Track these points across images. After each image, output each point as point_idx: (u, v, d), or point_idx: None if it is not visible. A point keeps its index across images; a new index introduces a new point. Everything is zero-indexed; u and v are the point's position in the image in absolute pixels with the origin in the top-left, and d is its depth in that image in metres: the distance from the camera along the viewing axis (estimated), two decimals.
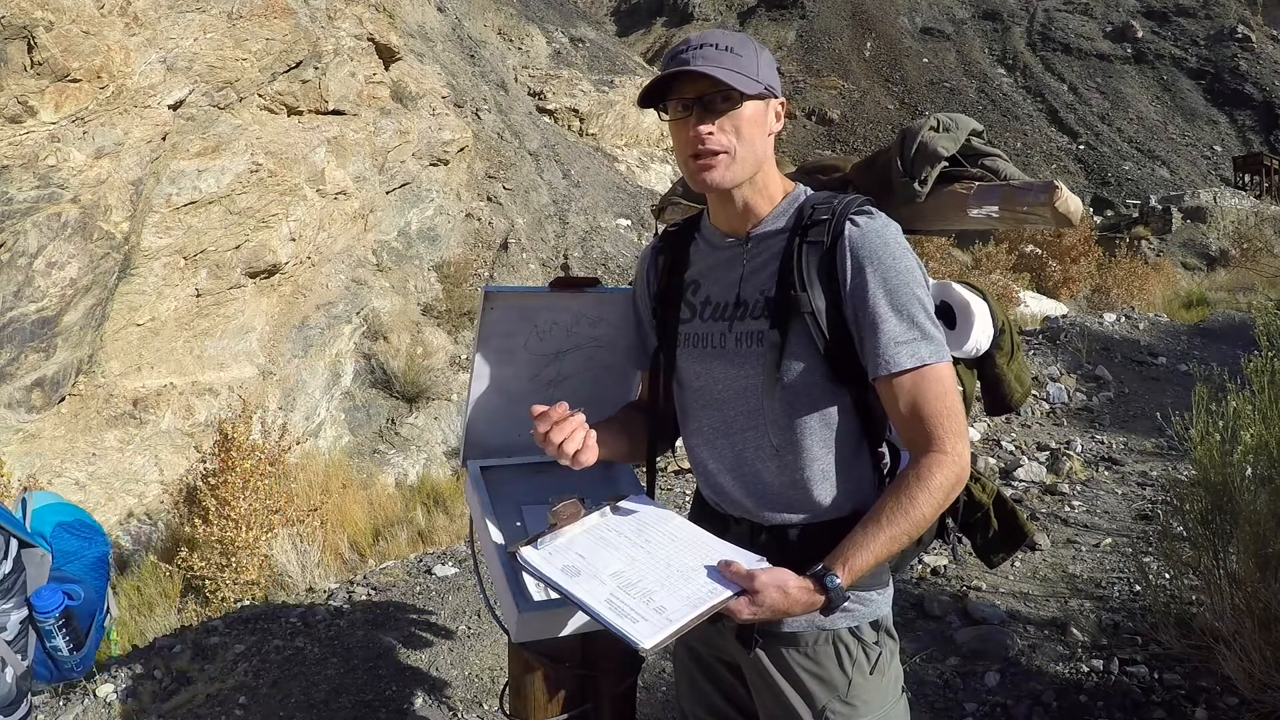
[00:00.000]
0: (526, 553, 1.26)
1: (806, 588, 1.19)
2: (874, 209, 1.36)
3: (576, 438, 1.33)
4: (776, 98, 1.37)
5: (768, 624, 1.32)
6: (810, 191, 1.43)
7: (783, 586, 1.18)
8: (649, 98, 1.35)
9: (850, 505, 1.37)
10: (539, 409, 1.34)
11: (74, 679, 2.50)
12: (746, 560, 1.24)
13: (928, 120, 1.55)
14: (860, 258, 1.30)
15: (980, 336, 1.51)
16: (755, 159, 1.35)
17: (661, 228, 1.66)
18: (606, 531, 1.33)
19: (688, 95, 1.31)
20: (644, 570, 1.23)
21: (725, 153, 1.31)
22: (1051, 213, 1.40)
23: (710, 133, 1.30)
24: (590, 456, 1.35)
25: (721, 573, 1.21)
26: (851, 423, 1.36)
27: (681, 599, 1.16)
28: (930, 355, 1.28)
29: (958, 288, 1.53)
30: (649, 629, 1.11)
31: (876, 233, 1.31)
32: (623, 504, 1.40)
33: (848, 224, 1.32)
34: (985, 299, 1.56)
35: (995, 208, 1.45)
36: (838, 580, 1.20)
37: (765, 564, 1.25)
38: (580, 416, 1.35)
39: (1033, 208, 1.41)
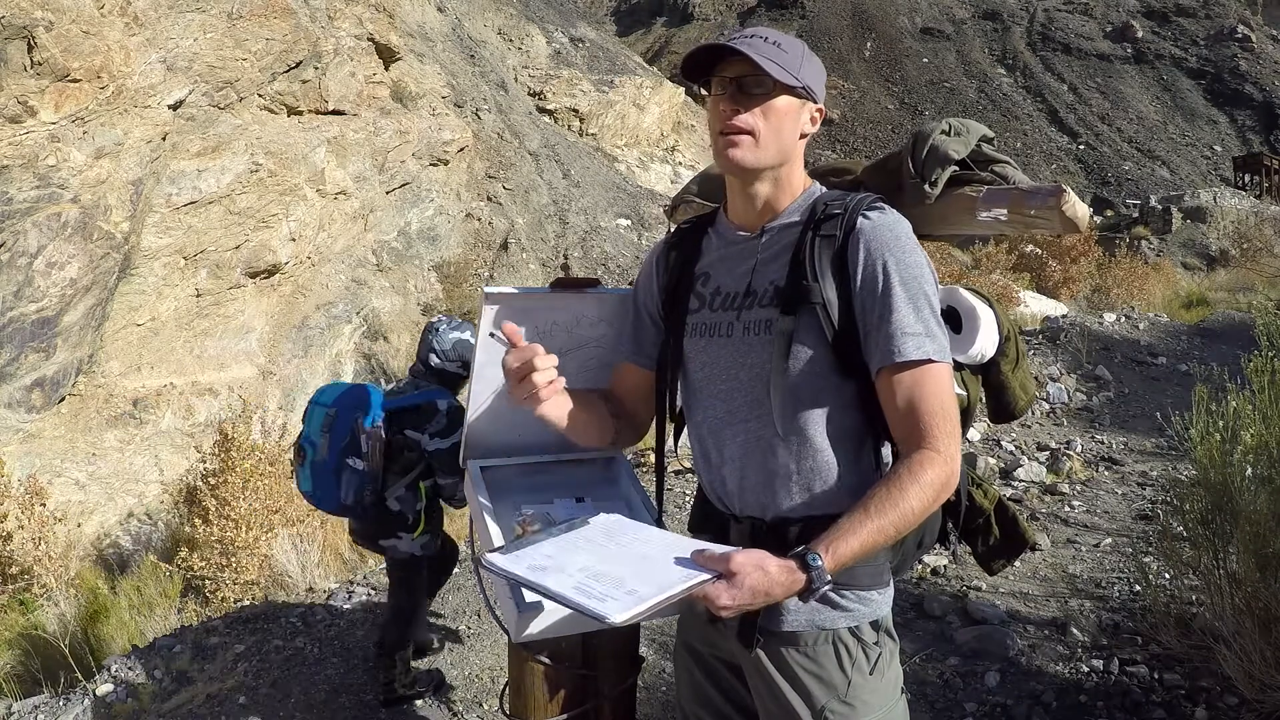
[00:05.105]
0: (492, 557, 1.25)
1: (788, 567, 1.15)
2: (886, 205, 1.37)
3: (550, 375, 1.34)
4: (815, 101, 1.40)
5: (751, 612, 1.28)
6: (824, 189, 1.45)
7: (761, 565, 1.14)
8: (694, 70, 1.39)
9: (852, 501, 1.35)
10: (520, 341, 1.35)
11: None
12: (721, 547, 1.21)
13: (939, 124, 1.56)
14: (872, 250, 1.31)
15: (985, 343, 1.51)
16: (780, 149, 1.37)
17: (674, 226, 1.66)
18: (577, 540, 1.32)
19: (728, 75, 1.35)
20: (614, 564, 1.21)
21: (750, 133, 1.33)
22: (1059, 217, 1.40)
23: (738, 111, 1.33)
24: (550, 408, 1.38)
25: (696, 560, 1.18)
26: (856, 417, 1.36)
27: (654, 584, 1.13)
28: (935, 353, 1.28)
29: (965, 294, 1.54)
30: (618, 606, 1.08)
31: (889, 227, 1.33)
32: (595, 519, 1.39)
33: (860, 218, 1.33)
34: (992, 306, 1.57)
35: (1003, 211, 1.45)
36: (820, 561, 1.16)
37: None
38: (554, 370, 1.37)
39: (1040, 211, 1.41)
